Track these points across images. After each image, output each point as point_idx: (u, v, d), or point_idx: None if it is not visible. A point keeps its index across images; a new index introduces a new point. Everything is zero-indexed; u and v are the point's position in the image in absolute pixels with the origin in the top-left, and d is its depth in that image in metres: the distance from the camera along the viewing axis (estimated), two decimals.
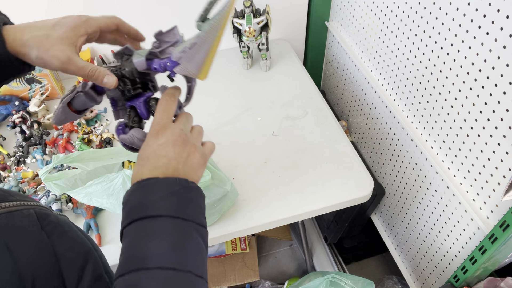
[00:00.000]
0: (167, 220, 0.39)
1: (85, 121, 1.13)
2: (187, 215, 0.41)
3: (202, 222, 0.43)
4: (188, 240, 0.40)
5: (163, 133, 0.45)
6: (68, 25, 0.46)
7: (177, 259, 0.38)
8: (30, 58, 0.44)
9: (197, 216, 0.42)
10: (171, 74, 0.50)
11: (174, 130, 0.46)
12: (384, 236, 1.30)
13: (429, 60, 0.87)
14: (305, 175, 0.95)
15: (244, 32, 1.15)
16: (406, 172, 1.07)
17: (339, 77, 1.41)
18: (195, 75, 0.49)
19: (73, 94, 0.51)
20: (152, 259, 0.37)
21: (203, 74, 0.49)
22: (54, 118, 0.53)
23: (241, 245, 1.45)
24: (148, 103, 0.52)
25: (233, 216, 0.87)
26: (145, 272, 0.36)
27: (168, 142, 0.44)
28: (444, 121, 0.87)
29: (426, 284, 1.10)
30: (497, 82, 0.69)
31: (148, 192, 0.41)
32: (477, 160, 0.79)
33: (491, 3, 0.66)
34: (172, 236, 0.39)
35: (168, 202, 0.40)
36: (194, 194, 0.44)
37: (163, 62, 0.49)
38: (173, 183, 0.42)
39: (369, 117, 1.23)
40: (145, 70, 0.50)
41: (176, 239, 0.39)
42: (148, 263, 0.37)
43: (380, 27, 1.05)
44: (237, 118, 1.12)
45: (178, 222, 0.40)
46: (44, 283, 0.37)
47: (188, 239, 0.40)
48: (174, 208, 0.40)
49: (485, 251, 0.76)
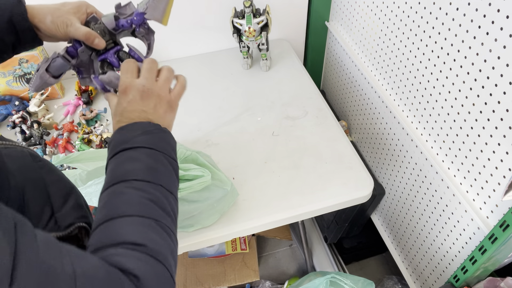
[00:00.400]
0: (143, 150, 0.48)
1: (85, 121, 1.13)
2: (160, 148, 0.49)
3: (173, 156, 0.51)
4: (160, 165, 0.48)
5: (130, 91, 0.53)
6: (73, 4, 0.60)
7: (151, 176, 0.46)
8: (45, 23, 0.56)
9: (169, 151, 0.51)
10: (135, 29, 0.63)
11: (138, 86, 0.53)
12: (384, 236, 1.30)
13: (429, 60, 0.87)
14: (305, 175, 0.95)
15: (244, 32, 1.15)
16: (406, 172, 1.07)
17: (339, 77, 1.41)
18: (159, 20, 0.62)
19: (50, 58, 0.61)
20: (130, 175, 0.45)
21: (165, 20, 0.63)
22: (32, 86, 0.61)
23: (241, 245, 1.45)
24: (118, 55, 0.63)
25: (233, 216, 0.87)
26: (124, 182, 0.45)
27: (136, 98, 0.53)
28: (444, 121, 0.87)
29: (426, 284, 1.10)
30: (497, 82, 0.69)
31: (127, 132, 0.50)
32: (477, 160, 0.79)
33: (491, 3, 0.66)
34: (147, 161, 0.47)
35: (144, 137, 0.49)
36: (165, 135, 0.52)
37: (129, 18, 0.62)
38: (147, 125, 0.51)
39: (369, 117, 1.23)
40: (112, 29, 0.62)
41: (150, 163, 0.47)
42: (126, 177, 0.45)
43: (380, 27, 1.05)
44: (237, 118, 1.12)
45: (152, 152, 0.48)
46: (34, 202, 0.44)
47: (160, 165, 0.48)
48: (149, 142, 0.49)
49: (485, 251, 0.76)
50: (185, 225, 0.84)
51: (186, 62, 1.34)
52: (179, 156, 0.88)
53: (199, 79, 1.27)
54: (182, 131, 1.09)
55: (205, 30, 1.32)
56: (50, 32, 0.57)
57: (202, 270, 1.44)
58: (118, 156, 0.48)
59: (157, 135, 0.50)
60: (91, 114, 1.14)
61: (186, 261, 1.45)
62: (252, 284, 1.47)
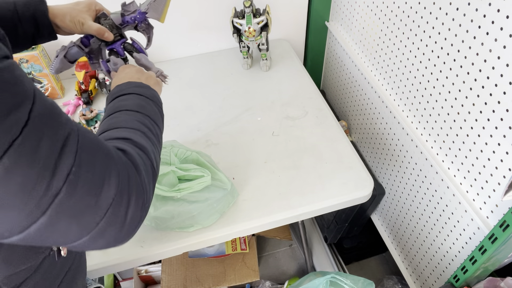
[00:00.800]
0: (136, 96, 0.59)
1: (85, 121, 1.13)
2: (150, 96, 0.60)
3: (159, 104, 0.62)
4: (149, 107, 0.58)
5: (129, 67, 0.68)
6: (85, 3, 0.71)
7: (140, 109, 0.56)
8: (65, 21, 0.67)
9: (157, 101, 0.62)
10: (138, 25, 0.77)
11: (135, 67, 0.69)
12: (384, 236, 1.30)
13: (429, 60, 0.87)
14: (305, 175, 0.95)
15: (244, 32, 1.15)
16: (406, 172, 1.07)
17: (339, 77, 1.41)
18: (158, 19, 0.77)
19: (68, 46, 0.74)
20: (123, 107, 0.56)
21: (163, 18, 0.77)
22: (53, 68, 0.75)
23: (241, 245, 1.45)
24: (123, 46, 0.76)
25: (233, 216, 0.87)
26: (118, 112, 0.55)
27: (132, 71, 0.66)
28: (444, 121, 0.87)
29: (426, 284, 1.10)
30: (497, 82, 0.69)
31: (124, 86, 0.61)
32: (477, 160, 0.79)
33: (491, 3, 0.66)
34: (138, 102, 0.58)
35: (137, 89, 0.60)
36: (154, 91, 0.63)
37: (133, 15, 0.75)
38: (140, 84, 0.62)
39: (369, 117, 1.23)
40: (119, 24, 0.75)
41: (141, 103, 0.58)
42: (120, 108, 0.56)
43: (380, 27, 1.05)
44: (237, 118, 1.12)
45: (143, 98, 0.59)
46: None
47: (149, 106, 0.59)
48: (141, 92, 0.60)
49: (485, 251, 0.76)
50: (185, 225, 0.84)
51: (186, 62, 1.34)
52: (179, 156, 0.88)
53: (199, 79, 1.27)
54: (182, 131, 1.09)
55: (205, 30, 1.32)
56: (68, 29, 0.69)
57: (202, 270, 1.44)
58: (114, 101, 0.58)
59: (148, 90, 0.61)
60: (91, 114, 1.14)
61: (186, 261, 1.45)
62: (252, 284, 1.47)
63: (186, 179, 0.83)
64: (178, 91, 1.22)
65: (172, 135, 1.04)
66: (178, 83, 1.25)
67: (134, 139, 0.50)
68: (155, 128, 0.56)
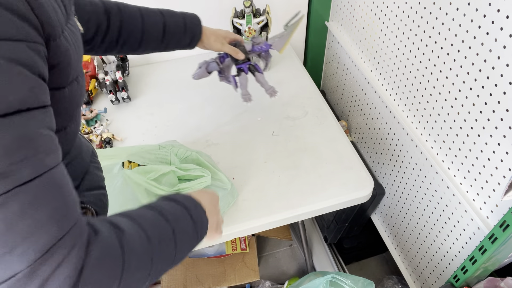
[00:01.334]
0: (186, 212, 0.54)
1: (85, 121, 1.13)
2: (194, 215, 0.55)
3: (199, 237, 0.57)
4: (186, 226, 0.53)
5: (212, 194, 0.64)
6: (223, 31, 0.92)
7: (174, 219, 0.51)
8: (210, 40, 0.88)
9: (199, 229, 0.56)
10: (261, 53, 0.99)
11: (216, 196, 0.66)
12: (384, 236, 1.30)
13: (429, 60, 0.87)
14: (305, 175, 0.95)
15: (244, 32, 1.15)
16: (406, 172, 1.07)
17: (339, 77, 1.41)
18: (278, 50, 0.97)
19: (209, 61, 0.95)
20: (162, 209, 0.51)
21: (282, 50, 0.97)
22: (196, 76, 0.97)
23: (241, 245, 1.45)
24: (248, 66, 0.96)
25: (233, 216, 0.87)
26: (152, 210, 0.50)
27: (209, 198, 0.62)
28: (444, 121, 0.87)
29: (426, 284, 1.10)
30: (497, 82, 0.69)
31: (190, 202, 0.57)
32: (477, 160, 0.79)
33: (491, 3, 0.66)
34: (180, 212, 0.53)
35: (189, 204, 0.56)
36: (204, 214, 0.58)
37: (260, 46, 0.97)
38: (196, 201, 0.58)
39: (369, 117, 1.23)
40: (248, 51, 0.95)
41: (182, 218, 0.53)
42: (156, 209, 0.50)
43: (380, 27, 1.05)
44: (237, 118, 1.12)
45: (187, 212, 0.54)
46: None
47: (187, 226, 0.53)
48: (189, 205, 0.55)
49: (485, 251, 0.76)
50: None
51: (186, 62, 1.34)
52: (179, 156, 0.88)
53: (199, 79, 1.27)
54: (182, 131, 1.09)
55: None
56: (209, 46, 0.89)
57: (202, 270, 1.44)
58: (168, 201, 0.54)
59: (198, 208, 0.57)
60: (91, 114, 1.14)
61: (186, 261, 1.45)
62: (252, 284, 1.47)
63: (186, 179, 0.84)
64: (178, 91, 1.22)
65: (172, 135, 1.04)
66: (178, 83, 1.25)
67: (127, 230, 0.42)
68: (169, 245, 0.49)
